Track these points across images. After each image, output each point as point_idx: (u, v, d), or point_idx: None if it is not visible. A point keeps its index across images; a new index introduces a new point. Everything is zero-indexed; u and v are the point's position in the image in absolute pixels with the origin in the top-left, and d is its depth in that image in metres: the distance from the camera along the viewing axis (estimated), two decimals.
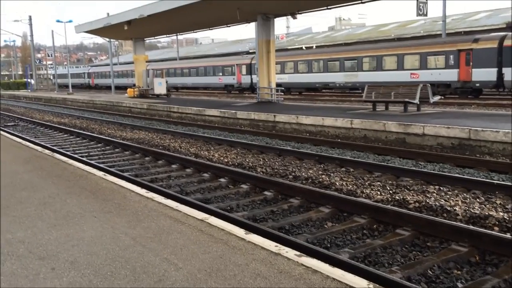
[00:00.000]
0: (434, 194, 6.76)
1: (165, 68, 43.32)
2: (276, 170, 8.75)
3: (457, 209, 5.96)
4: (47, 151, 9.23)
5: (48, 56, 62.64)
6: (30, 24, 51.31)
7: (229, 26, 26.34)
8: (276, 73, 24.35)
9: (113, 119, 20.15)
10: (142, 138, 13.70)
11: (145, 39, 32.91)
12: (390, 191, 6.99)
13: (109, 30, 29.26)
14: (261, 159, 9.93)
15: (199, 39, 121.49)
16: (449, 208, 6.00)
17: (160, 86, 30.70)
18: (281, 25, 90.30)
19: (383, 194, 6.85)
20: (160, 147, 11.99)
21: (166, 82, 32.39)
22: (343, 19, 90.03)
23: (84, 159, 9.99)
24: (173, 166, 9.51)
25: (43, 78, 76.81)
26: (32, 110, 28.22)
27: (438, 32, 33.49)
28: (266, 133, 14.09)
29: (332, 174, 8.25)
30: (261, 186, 7.51)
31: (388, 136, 11.92)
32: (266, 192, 7.17)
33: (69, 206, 5.01)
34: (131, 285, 3.06)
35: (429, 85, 15.13)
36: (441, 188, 7.12)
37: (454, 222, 5.34)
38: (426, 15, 20.17)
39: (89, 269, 3.33)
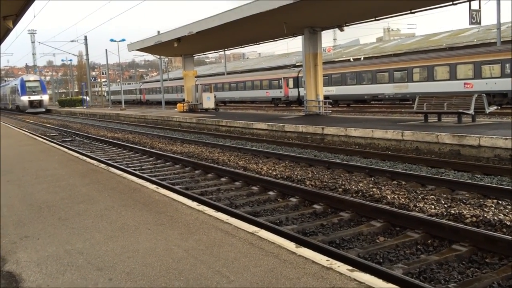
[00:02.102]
0: (492, 208, 6.49)
1: (213, 83, 44.17)
2: (325, 183, 8.68)
3: None
4: (102, 165, 9.57)
5: (102, 73, 65.33)
6: (86, 44, 53.66)
7: (276, 40, 26.54)
8: (323, 86, 24.24)
9: (163, 133, 20.68)
10: (192, 151, 13.96)
11: (194, 55, 33.69)
12: (445, 205, 6.76)
13: (159, 48, 30.17)
14: (310, 172, 9.88)
15: (246, 53, 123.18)
16: (508, 223, 5.74)
17: (208, 101, 31.25)
18: (328, 37, 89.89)
19: (437, 208, 6.64)
20: (210, 160, 12.18)
21: (215, 96, 32.95)
22: (392, 29, 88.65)
23: (137, 172, 10.30)
24: (222, 179, 9.62)
25: (98, 95, 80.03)
26: (87, 125, 29.41)
27: (493, 40, 32.35)
28: (314, 146, 14.01)
29: (383, 187, 8.08)
30: (310, 199, 7.46)
31: (442, 148, 11.57)
32: (315, 206, 7.12)
33: (124, 218, 5.17)
34: None
35: (484, 95, 14.59)
36: (500, 202, 6.82)
37: None
38: (479, 23, 19.46)
39: (145, 280, 3.42)
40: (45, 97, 56.36)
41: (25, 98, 53.97)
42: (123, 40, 47.75)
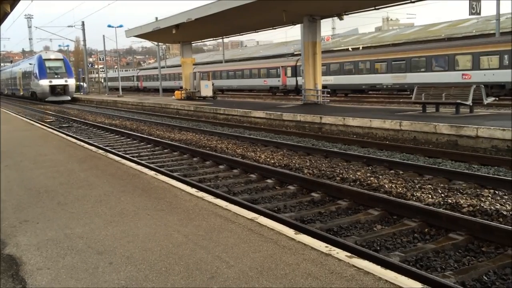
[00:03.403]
0: (489, 198, 6.53)
1: (211, 70, 43.95)
2: (323, 172, 8.70)
3: None
4: (100, 151, 9.57)
5: (100, 60, 64.56)
6: (83, 29, 53.27)
7: (275, 28, 26.41)
8: (322, 75, 24.20)
9: (161, 120, 20.64)
10: (190, 139, 13.96)
11: (192, 42, 33.51)
12: (442, 195, 6.81)
13: (157, 34, 30.00)
14: (308, 161, 9.90)
15: (244, 41, 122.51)
16: (505, 213, 5.79)
17: (206, 88, 31.17)
18: (326, 26, 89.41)
19: (434, 197, 6.68)
20: (208, 148, 12.18)
21: (213, 84, 32.86)
22: (391, 19, 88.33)
23: (135, 159, 10.30)
24: (221, 166, 9.64)
25: (95, 81, 79.51)
26: (85, 112, 29.31)
27: (492, 32, 32.28)
28: (312, 135, 14.03)
29: (380, 177, 8.12)
30: (308, 187, 7.49)
31: (439, 138, 11.61)
32: (313, 194, 7.15)
33: (123, 203, 5.18)
34: (185, 281, 3.14)
35: (483, 86, 14.61)
36: (497, 192, 6.87)
37: (511, 227, 5.14)
38: (479, 14, 19.45)
39: (145, 264, 3.45)
40: (71, 81, 42.66)
41: (44, 83, 40.73)
42: (120, 26, 47.49)
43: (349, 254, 3.58)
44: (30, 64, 44.30)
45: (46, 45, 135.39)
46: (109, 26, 47.62)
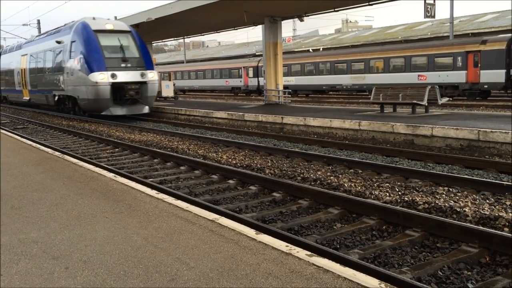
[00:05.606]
0: (444, 195, 6.75)
1: (173, 71, 43.52)
2: (284, 172, 8.77)
3: (466, 210, 5.95)
4: (57, 153, 9.31)
5: None
6: (39, 28, 51.60)
7: (236, 29, 26.42)
8: (283, 76, 24.40)
9: (121, 121, 20.23)
10: (151, 140, 13.77)
11: (152, 42, 33.07)
12: (399, 192, 6.98)
13: None
14: (269, 161, 9.95)
15: (206, 42, 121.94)
16: (458, 209, 6.00)
17: (167, 89, 30.83)
18: (287, 27, 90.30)
19: (392, 195, 6.85)
20: (169, 149, 12.05)
21: (174, 84, 32.54)
22: (350, 21, 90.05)
23: (93, 161, 10.07)
24: (182, 168, 9.55)
25: None
26: (41, 113, 28.38)
27: (446, 34, 33.45)
28: (274, 135, 14.10)
29: (340, 176, 8.25)
30: (269, 187, 7.53)
31: (396, 137, 11.91)
32: (274, 194, 7.19)
33: (80, 206, 5.06)
34: (144, 284, 3.10)
35: (437, 87, 15.10)
36: (450, 189, 7.11)
37: (464, 223, 5.33)
38: (434, 17, 20.10)
39: (103, 268, 3.38)
40: (153, 77, 20.92)
41: (101, 79, 19.32)
42: None
43: (309, 252, 3.63)
44: (58, 42, 21.99)
45: None
46: None
